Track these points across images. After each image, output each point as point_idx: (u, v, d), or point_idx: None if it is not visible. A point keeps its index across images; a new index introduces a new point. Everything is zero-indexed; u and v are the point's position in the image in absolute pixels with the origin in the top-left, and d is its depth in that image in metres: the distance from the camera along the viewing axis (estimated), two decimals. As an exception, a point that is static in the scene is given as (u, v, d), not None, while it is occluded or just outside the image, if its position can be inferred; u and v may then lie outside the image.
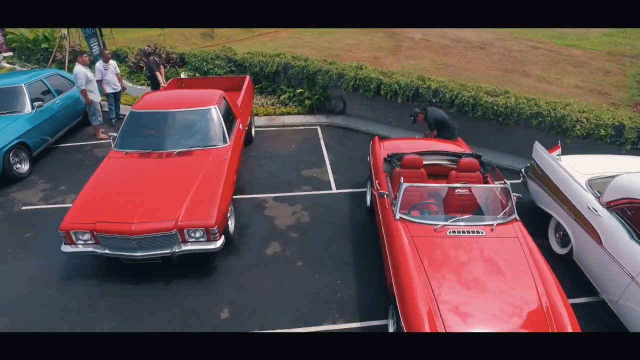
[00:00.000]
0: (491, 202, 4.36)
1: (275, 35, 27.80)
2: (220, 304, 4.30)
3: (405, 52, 14.01)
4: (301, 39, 20.54)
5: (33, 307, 4.26)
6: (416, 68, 11.51)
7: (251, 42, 24.41)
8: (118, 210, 4.42)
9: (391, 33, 17.67)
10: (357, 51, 14.50)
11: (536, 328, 3.11)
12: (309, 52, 15.29)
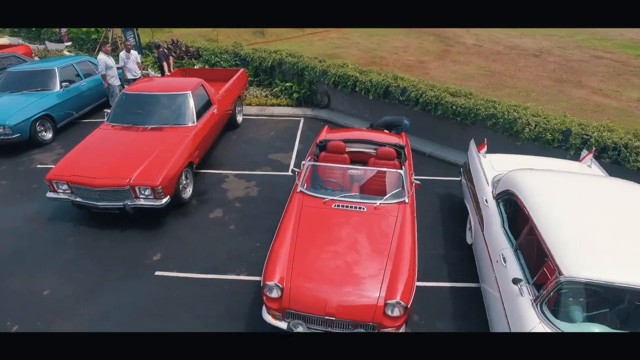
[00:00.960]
0: (388, 186, 4.94)
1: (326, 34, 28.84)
2: (156, 250, 5.34)
3: (452, 57, 14.15)
4: (349, 40, 21.04)
5: (22, 237, 5.58)
6: (460, 74, 11.87)
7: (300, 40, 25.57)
8: (89, 168, 5.62)
9: (442, 37, 17.80)
10: (403, 54, 14.86)
11: (363, 293, 3.68)
12: (354, 52, 15.87)
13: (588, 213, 3.64)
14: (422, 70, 12.91)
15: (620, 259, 3.14)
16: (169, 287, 4.80)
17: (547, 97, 10.08)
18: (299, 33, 30.32)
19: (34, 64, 9.43)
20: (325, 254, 4.05)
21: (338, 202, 4.62)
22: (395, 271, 3.84)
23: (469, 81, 11.45)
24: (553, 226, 3.53)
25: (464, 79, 11.64)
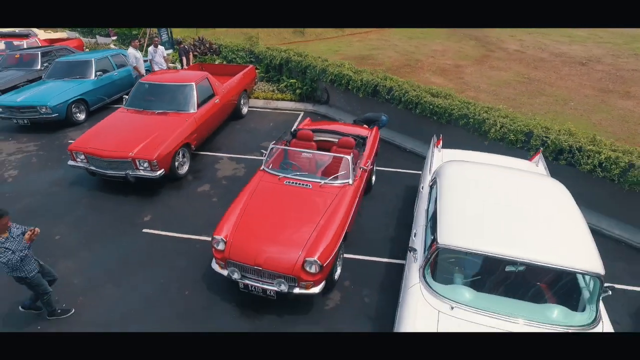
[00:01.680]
0: (336, 169, 5.68)
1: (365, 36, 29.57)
2: (147, 212, 6.44)
3: (491, 63, 14.25)
4: (388, 42, 21.39)
5: (48, 195, 6.90)
6: (495, 80, 12.10)
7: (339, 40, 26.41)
8: (102, 142, 6.84)
9: (484, 42, 17.87)
10: (440, 58, 15.16)
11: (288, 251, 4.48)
12: (391, 54, 16.51)
13: (483, 199, 4.23)
14: (457, 75, 13.18)
15: (487, 235, 3.73)
16: (152, 242, 5.86)
17: (586, 107, 9.98)
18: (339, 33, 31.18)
19: (78, 56, 11.02)
20: (266, 219, 4.92)
21: (290, 179, 5.47)
22: (320, 237, 4.62)
23: (504, 88, 11.58)
24: (448, 207, 4.17)
25: (499, 85, 11.80)
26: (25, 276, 4.14)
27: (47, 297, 4.46)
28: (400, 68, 15.22)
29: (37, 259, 4.36)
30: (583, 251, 3.57)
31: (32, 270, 4.19)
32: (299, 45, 29.05)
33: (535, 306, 3.55)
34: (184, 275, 5.25)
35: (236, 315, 4.73)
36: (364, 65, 16.53)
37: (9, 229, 3.97)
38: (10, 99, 9.05)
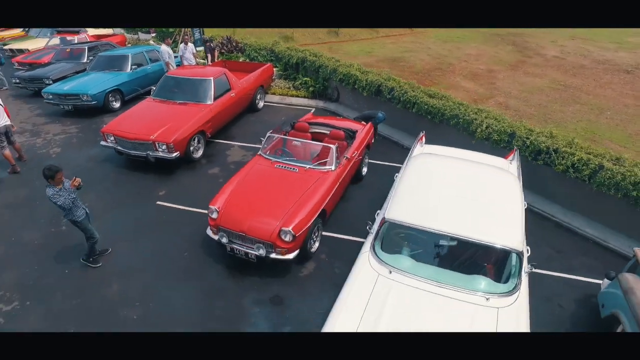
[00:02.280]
0: (321, 156, 6.43)
1: (399, 38, 30.06)
2: (162, 188, 7.47)
3: (526, 69, 14.20)
4: (422, 44, 21.68)
5: (83, 169, 8.08)
6: (528, 86, 12.22)
7: (372, 42, 27.04)
8: (129, 126, 7.95)
9: (521, 47, 17.85)
10: (473, 62, 15.29)
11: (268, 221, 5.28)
12: (423, 57, 16.91)
13: (435, 185, 4.86)
14: (488, 80, 13.31)
15: (427, 213, 4.38)
16: (164, 212, 6.86)
17: (623, 117, 9.85)
18: (373, 35, 31.81)
19: (117, 51, 12.37)
20: (254, 194, 5.77)
21: (280, 163, 6.29)
22: (296, 212, 5.40)
23: (535, 94, 11.61)
24: (401, 189, 4.85)
25: (531, 91, 11.88)
26: (75, 219, 5.24)
27: (93, 241, 5.54)
28: (431, 71, 15.56)
29: (86, 210, 5.41)
30: (508, 231, 4.15)
31: (81, 216, 5.28)
32: (332, 45, 29.85)
33: (463, 275, 4.17)
34: (186, 240, 6.19)
35: (224, 275, 5.60)
36: (395, 67, 16.95)
37: (63, 182, 5.05)
38: (58, 88, 10.46)
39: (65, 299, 5.23)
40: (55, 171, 4.95)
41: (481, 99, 11.97)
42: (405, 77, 14.76)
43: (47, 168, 4.96)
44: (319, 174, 6.10)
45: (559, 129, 9.32)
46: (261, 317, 4.98)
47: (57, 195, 4.99)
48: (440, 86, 13.64)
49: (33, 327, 4.83)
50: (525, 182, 7.22)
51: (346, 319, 3.79)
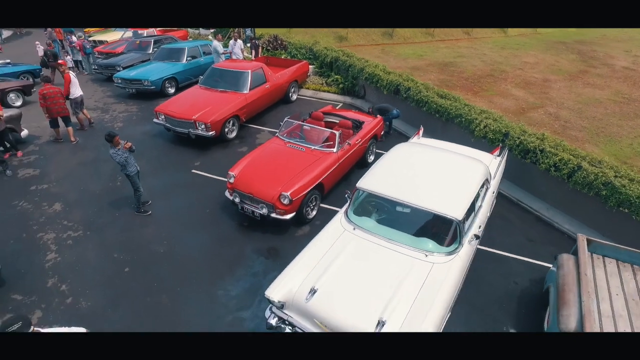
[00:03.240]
0: (327, 140, 7.61)
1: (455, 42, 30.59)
2: (198, 160, 9.05)
3: (587, 79, 13.97)
4: (477, 50, 21.82)
5: (138, 141, 9.85)
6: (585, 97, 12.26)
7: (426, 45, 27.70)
8: (176, 107, 9.63)
9: (587, 57, 17.57)
10: (529, 70, 15.30)
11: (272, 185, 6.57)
12: (476, 63, 17.47)
13: (406, 165, 5.87)
14: (541, 89, 13.37)
15: (389, 184, 5.41)
16: (196, 178, 8.41)
17: None
18: (428, 38, 32.40)
19: (177, 44, 14.34)
20: (265, 165, 7.10)
21: (292, 143, 7.58)
22: (296, 181, 6.65)
23: (592, 106, 11.53)
24: (376, 166, 5.91)
25: (587, 103, 11.84)
26: (128, 173, 6.88)
27: (139, 193, 7.18)
28: (482, 78, 15.93)
29: (137, 168, 7.03)
30: (451, 203, 5.09)
31: (132, 171, 6.91)
32: (385, 47, 30.79)
33: (412, 236, 5.16)
34: (210, 200, 7.66)
35: (234, 228, 6.98)
36: (444, 71, 17.71)
37: (120, 144, 6.69)
38: (125, 74, 12.54)
39: (114, 234, 6.88)
40: (113, 136, 6.58)
41: (529, 108, 12.15)
42: (454, 82, 15.37)
43: (107, 134, 6.61)
44: (321, 154, 7.31)
45: (610, 144, 9.48)
46: (257, 262, 6.28)
47: (115, 154, 6.64)
48: (488, 93, 14.21)
49: (91, 250, 6.49)
50: (515, 178, 8.01)
51: (309, 257, 4.96)
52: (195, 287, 5.77)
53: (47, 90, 9.36)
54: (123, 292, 5.71)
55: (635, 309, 4.62)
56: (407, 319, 4.14)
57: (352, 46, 30.60)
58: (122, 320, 5.26)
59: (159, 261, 6.26)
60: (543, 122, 11.25)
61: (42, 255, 6.38)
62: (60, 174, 8.62)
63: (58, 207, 7.52)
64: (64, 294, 5.65)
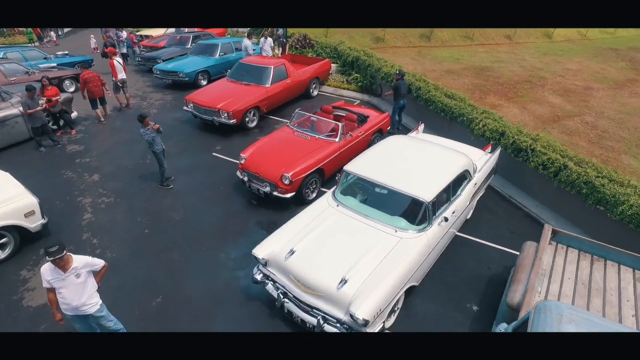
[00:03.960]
0: (331, 131, 8.42)
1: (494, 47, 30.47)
2: (219, 144, 10.12)
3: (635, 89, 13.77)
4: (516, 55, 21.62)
5: (168, 126, 11.10)
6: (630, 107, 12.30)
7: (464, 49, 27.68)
8: (204, 97, 10.76)
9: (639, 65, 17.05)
10: (570, 77, 15.19)
11: (276, 166, 7.46)
12: (513, 68, 17.57)
13: (391, 153, 6.58)
14: (581, 97, 13.30)
15: (371, 168, 6.16)
16: (215, 160, 9.47)
17: None
18: (467, 42, 32.45)
19: (212, 40, 15.60)
20: (272, 149, 8.03)
21: (299, 132, 8.45)
22: (297, 165, 7.51)
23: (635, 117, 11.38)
24: (365, 153, 6.67)
25: (630, 113, 11.73)
26: (154, 150, 8.00)
27: (163, 169, 8.31)
28: (518, 84, 16.07)
29: (163, 147, 8.15)
30: (424, 187, 5.75)
31: (158, 149, 8.01)
32: (422, 49, 31.05)
33: (388, 215, 5.87)
34: (224, 179, 8.67)
35: (242, 204, 7.93)
36: (479, 76, 17.97)
37: (149, 124, 7.81)
38: (164, 66, 13.91)
39: (139, 202, 8.01)
40: (144, 117, 7.71)
41: (565, 116, 12.18)
42: (488, 87, 15.66)
43: (139, 115, 7.75)
44: (324, 142, 8.14)
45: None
46: (258, 233, 7.18)
47: (144, 133, 7.77)
48: (523, 99, 14.39)
49: (119, 214, 7.65)
50: (509, 176, 8.52)
51: (293, 225, 5.80)
52: (202, 249, 6.76)
53: (87, 75, 10.86)
54: (142, 248, 6.79)
55: (581, 291, 5.12)
56: (366, 281, 4.87)
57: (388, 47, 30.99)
58: (138, 270, 6.33)
59: (174, 226, 7.32)
60: (577, 131, 11.27)
61: (80, 215, 7.61)
62: (100, 150, 9.95)
63: (96, 178, 8.79)
64: (94, 246, 6.81)
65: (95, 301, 4.56)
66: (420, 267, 5.51)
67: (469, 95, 15.01)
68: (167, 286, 6.02)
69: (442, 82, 16.98)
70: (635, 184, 6.59)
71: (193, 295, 5.88)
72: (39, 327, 5.36)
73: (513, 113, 13.22)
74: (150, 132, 7.80)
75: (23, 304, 5.72)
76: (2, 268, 6.33)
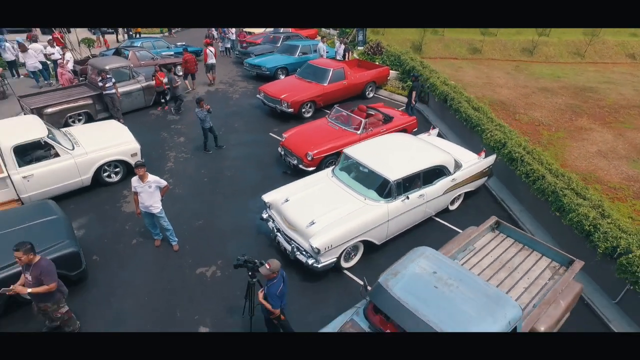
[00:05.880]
0: (355, 125, 10.55)
1: (608, 67, 29.68)
2: (276, 127, 12.86)
3: None
4: (634, 77, 21.63)
5: (243, 109, 14.17)
6: None
7: (571, 66, 27.18)
8: (273, 89, 13.60)
9: None
10: None
11: (305, 146, 9.88)
12: (626, 91, 18.20)
13: (387, 144, 8.57)
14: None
15: (362, 152, 8.24)
16: (271, 139, 12.21)
17: None
18: (575, 59, 31.81)
19: (295, 41, 18.51)
20: (306, 133, 10.49)
21: (331, 123, 10.77)
22: (320, 146, 9.84)
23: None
24: (363, 142, 8.75)
25: None
26: (204, 126, 11.00)
27: (215, 135, 11.33)
28: (625, 108, 16.21)
29: (211, 124, 11.12)
30: (393, 170, 7.65)
31: (207, 126, 10.98)
32: (521, 64, 31.13)
33: (364, 188, 7.88)
34: (271, 154, 11.35)
35: (278, 172, 10.50)
36: (578, 97, 18.42)
37: (203, 106, 10.78)
38: (252, 60, 17.20)
39: (206, 160, 11.06)
40: (200, 100, 10.65)
41: None
42: (583, 109, 16.26)
43: (197, 98, 10.76)
44: (348, 133, 10.35)
45: None
46: (281, 193, 9.68)
47: (198, 112, 10.70)
48: (623, 125, 14.69)
49: (189, 166, 10.76)
50: (505, 181, 9.88)
51: (295, 184, 8.16)
52: (239, 197, 9.49)
53: (187, 56, 15.01)
54: (199, 190, 9.76)
55: (495, 266, 6.58)
56: (327, 225, 7.02)
57: (484, 59, 31.26)
58: (192, 203, 9.26)
59: (224, 179, 10.19)
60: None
61: (165, 163, 10.90)
62: (189, 120, 13.38)
63: (182, 140, 12.14)
64: (170, 184, 9.94)
65: (158, 206, 7.45)
66: (376, 228, 7.46)
67: (559, 115, 15.78)
68: (208, 215, 8.85)
69: (530, 100, 18.03)
70: (594, 198, 7.68)
71: (222, 224, 8.61)
72: (127, 224, 8.53)
73: (604, 139, 13.53)
74: (203, 112, 10.70)
75: (121, 210, 9.00)
76: (114, 187, 9.75)
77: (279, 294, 5.18)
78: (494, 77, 23.70)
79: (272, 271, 5.08)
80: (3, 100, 14.43)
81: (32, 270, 5.14)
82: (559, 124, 15.32)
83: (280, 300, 5.27)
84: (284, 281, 5.26)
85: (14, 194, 8.25)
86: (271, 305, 5.21)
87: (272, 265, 5.10)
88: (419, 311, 4.61)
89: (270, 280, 5.16)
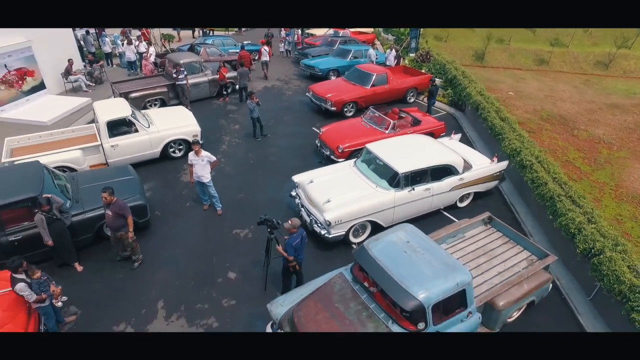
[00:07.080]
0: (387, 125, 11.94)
1: None
2: (320, 123, 14.52)
3: None
4: None
5: (291, 104, 16.04)
6: None
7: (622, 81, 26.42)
8: (321, 88, 15.31)
9: None
10: None
11: (338, 140, 11.47)
12: None
13: (406, 144, 9.93)
14: None
15: (381, 148, 9.66)
16: (312, 132, 13.91)
17: None
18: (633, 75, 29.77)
19: (347, 46, 20.04)
20: (341, 128, 12.08)
21: (364, 122, 12.26)
22: (351, 140, 11.37)
23: None
24: (383, 141, 10.16)
25: None
26: (252, 116, 12.92)
27: (261, 124, 13.24)
28: None
29: (259, 114, 13.01)
30: (402, 164, 9.00)
31: (255, 116, 12.85)
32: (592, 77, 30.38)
33: (378, 177, 9.30)
34: (310, 145, 13.02)
35: (314, 161, 12.13)
36: None
37: (254, 99, 12.67)
38: (308, 61, 19.05)
39: (255, 146, 12.99)
40: (251, 93, 12.58)
41: None
42: None
43: (248, 92, 12.68)
44: (376, 131, 11.78)
45: None
46: (312, 179, 11.37)
47: (249, 103, 12.61)
48: None
49: (240, 149, 12.76)
50: (517, 187, 10.80)
51: (321, 170, 9.77)
52: (277, 179, 11.27)
53: (243, 53, 17.33)
54: (245, 169, 11.71)
55: (477, 252, 7.73)
56: (341, 203, 8.56)
57: (550, 71, 30.76)
58: (237, 179, 11.21)
59: (268, 163, 12.07)
60: None
61: (220, 145, 13.00)
62: (245, 111, 15.39)
63: (236, 127, 14.24)
64: (222, 162, 11.97)
65: (208, 176, 9.39)
66: (383, 212, 8.87)
67: (625, 134, 15.84)
68: (248, 189, 10.75)
69: (594, 116, 18.14)
70: (587, 206, 8.53)
71: (259, 198, 10.45)
72: (183, 190, 10.64)
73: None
74: (252, 103, 12.58)
75: (180, 179, 11.17)
76: (177, 161, 11.97)
77: (295, 245, 6.80)
78: (558, 90, 23.46)
79: (293, 226, 6.74)
80: (100, 85, 17.51)
81: (112, 207, 7.31)
82: (623, 143, 15.11)
83: (296, 252, 6.89)
84: (301, 238, 6.88)
85: (104, 158, 10.68)
86: (287, 253, 6.86)
87: (293, 221, 6.77)
88: (388, 268, 6.03)
89: (291, 234, 6.82)
